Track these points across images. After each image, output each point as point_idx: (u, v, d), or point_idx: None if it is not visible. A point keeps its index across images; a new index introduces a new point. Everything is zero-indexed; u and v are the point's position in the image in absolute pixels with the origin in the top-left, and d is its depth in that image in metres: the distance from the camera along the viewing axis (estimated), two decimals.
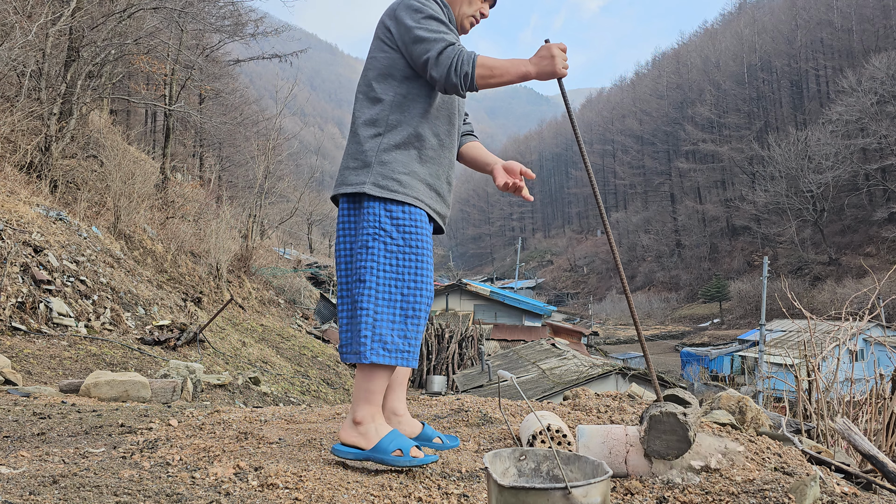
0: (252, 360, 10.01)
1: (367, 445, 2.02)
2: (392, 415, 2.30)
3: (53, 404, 3.45)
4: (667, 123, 79.04)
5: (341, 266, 2.14)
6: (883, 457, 2.33)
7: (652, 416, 1.98)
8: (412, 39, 2.02)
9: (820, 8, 63.85)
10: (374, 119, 2.09)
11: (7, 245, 7.01)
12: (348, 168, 2.11)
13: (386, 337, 2.00)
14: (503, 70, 2.01)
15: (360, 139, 2.10)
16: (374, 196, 2.04)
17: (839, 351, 3.53)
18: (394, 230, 2.03)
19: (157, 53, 17.53)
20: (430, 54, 1.99)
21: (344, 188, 2.10)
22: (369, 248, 2.02)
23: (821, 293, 39.81)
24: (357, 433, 2.04)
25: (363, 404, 2.05)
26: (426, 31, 2.01)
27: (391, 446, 2.00)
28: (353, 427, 2.05)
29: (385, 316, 2.01)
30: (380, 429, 2.05)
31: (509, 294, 34.06)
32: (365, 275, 2.01)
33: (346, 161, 2.14)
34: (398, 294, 2.02)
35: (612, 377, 14.48)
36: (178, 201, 18.01)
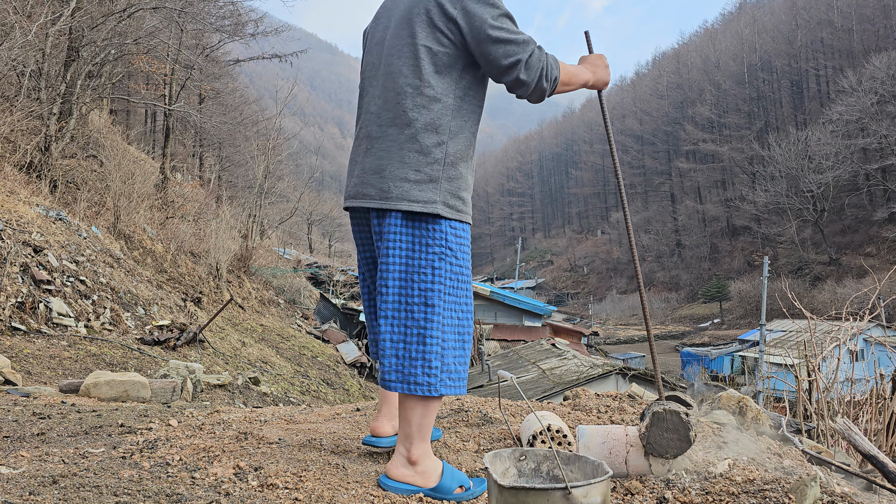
0: (252, 360, 10.00)
1: (427, 485, 1.87)
2: (395, 408, 2.20)
3: (53, 404, 3.44)
4: (667, 123, 79.04)
5: (391, 283, 1.87)
6: (883, 457, 2.33)
7: (655, 413, 1.98)
8: (491, 39, 1.82)
9: (820, 8, 63.83)
10: (436, 124, 1.88)
11: (7, 245, 7.01)
12: (407, 180, 1.86)
13: (451, 366, 1.87)
14: (575, 77, 1.99)
15: (421, 147, 1.86)
16: (444, 217, 1.88)
17: (839, 351, 3.52)
18: (458, 250, 1.91)
19: (156, 53, 17.52)
20: (520, 56, 1.82)
21: (407, 204, 1.85)
22: (436, 270, 1.86)
23: (821, 293, 39.80)
24: (414, 472, 1.87)
25: (419, 442, 1.87)
26: (508, 31, 1.84)
27: (453, 484, 1.89)
28: (408, 466, 1.87)
29: (450, 343, 1.88)
30: (435, 465, 1.91)
31: (509, 294, 34.04)
32: (433, 298, 1.85)
33: (402, 170, 1.87)
34: (457, 318, 1.91)
35: (612, 377, 14.47)
36: (177, 201, 18.01)
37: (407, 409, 1.87)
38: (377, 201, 1.89)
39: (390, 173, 1.87)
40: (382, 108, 1.92)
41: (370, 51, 2.04)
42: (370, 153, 1.93)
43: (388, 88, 1.91)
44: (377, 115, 1.93)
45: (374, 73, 1.99)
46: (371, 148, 1.93)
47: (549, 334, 27.39)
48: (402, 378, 1.84)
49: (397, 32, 1.92)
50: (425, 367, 1.83)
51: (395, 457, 1.89)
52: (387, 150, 1.89)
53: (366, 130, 1.97)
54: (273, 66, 27.27)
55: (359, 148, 2.00)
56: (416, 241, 1.87)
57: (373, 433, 2.20)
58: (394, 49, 1.92)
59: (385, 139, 1.90)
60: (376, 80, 1.96)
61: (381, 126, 1.91)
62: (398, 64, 1.89)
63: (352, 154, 2.06)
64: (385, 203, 1.87)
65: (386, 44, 1.95)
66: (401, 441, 1.89)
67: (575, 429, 2.43)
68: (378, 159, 1.90)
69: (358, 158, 1.99)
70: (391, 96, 1.90)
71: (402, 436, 1.88)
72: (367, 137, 1.96)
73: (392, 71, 1.90)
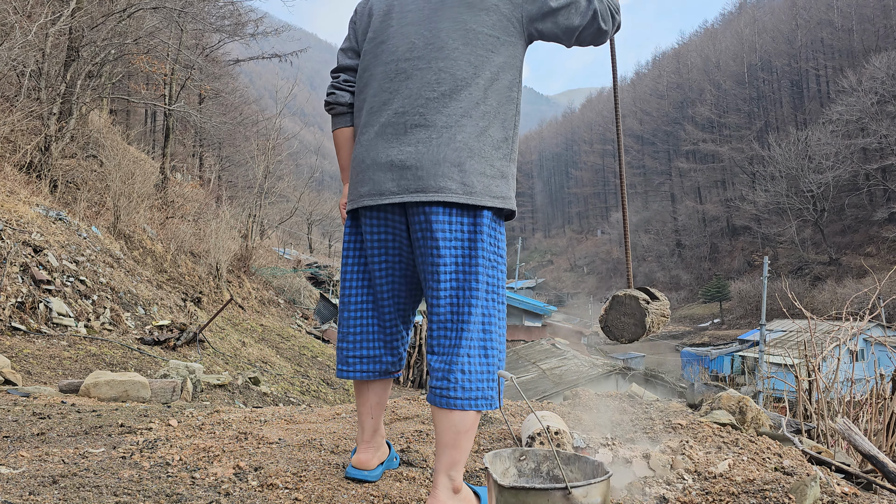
0: (252, 360, 10.00)
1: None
2: (379, 435, 2.01)
3: (53, 404, 3.44)
4: (667, 123, 79.04)
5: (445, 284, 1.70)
6: (883, 457, 2.33)
7: (615, 296, 2.02)
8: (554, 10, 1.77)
9: (820, 8, 63.83)
10: (504, 117, 1.77)
11: (7, 245, 7.01)
12: (485, 175, 1.71)
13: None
14: None
15: (493, 140, 1.74)
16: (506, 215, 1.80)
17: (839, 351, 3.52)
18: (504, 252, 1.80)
19: (156, 53, 17.53)
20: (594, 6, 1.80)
21: (490, 200, 1.71)
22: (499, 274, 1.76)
23: (821, 293, 39.78)
24: (458, 501, 1.70)
25: (462, 466, 1.70)
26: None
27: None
28: (452, 497, 1.68)
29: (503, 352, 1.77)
30: (467, 489, 1.78)
31: (509, 294, 34.06)
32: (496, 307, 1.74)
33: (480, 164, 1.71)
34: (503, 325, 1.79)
35: (612, 377, 14.48)
36: (177, 201, 18.01)
37: (461, 433, 1.67)
38: (457, 195, 1.67)
39: (470, 167, 1.69)
40: (445, 95, 1.72)
41: (401, 30, 1.81)
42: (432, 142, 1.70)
43: (455, 74, 1.73)
44: (436, 101, 1.72)
45: (415, 54, 1.77)
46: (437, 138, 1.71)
47: (549, 334, 27.39)
48: (467, 395, 1.67)
49: (454, 16, 1.76)
50: (492, 380, 1.70)
51: (439, 489, 1.68)
52: (464, 141, 1.70)
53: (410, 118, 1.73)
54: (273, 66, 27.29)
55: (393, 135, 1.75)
56: (491, 244, 1.74)
57: (360, 466, 1.95)
58: (452, 34, 1.75)
59: (461, 128, 1.71)
60: (424, 62, 1.75)
61: (460, 116, 1.71)
62: (463, 49, 1.73)
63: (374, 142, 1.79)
64: (469, 199, 1.68)
65: (435, 26, 1.77)
66: (445, 469, 1.67)
67: (574, 429, 2.43)
68: (453, 150, 1.69)
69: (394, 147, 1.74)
70: (457, 82, 1.72)
71: (449, 463, 1.67)
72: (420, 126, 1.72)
73: (452, 55, 1.73)
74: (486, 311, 1.71)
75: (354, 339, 1.91)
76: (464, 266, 1.70)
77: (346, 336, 1.92)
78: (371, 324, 1.91)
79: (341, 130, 1.99)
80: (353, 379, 1.92)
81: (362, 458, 1.94)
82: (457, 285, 1.70)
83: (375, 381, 1.94)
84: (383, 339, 1.92)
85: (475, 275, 1.70)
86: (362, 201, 1.78)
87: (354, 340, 1.91)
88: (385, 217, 1.79)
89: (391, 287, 1.88)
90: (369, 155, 1.78)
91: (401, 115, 1.74)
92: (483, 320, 1.70)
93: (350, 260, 1.92)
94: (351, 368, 1.91)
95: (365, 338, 1.91)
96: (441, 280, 1.70)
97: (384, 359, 1.92)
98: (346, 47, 1.99)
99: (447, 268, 1.70)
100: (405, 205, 1.74)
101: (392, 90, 1.78)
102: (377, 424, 1.97)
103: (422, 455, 2.23)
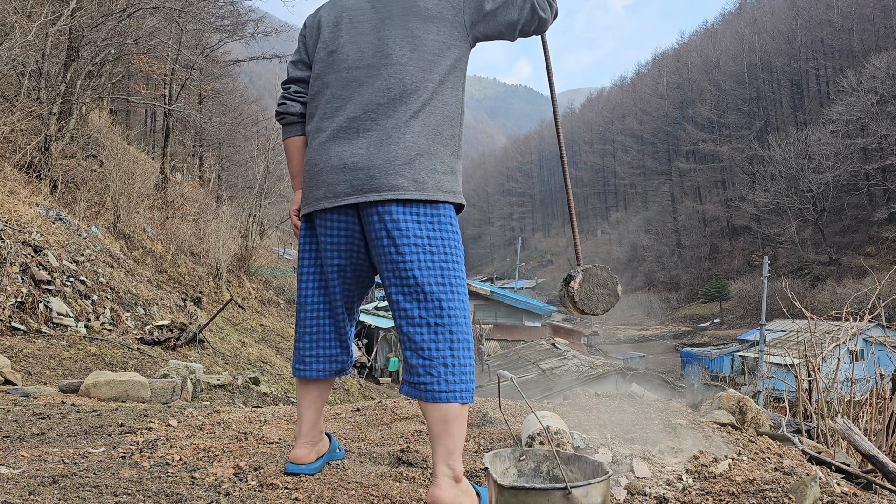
0: (252, 360, 10.00)
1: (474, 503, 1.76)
2: (316, 429, 2.02)
3: (53, 404, 3.44)
4: (667, 123, 79.02)
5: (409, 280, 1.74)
6: (883, 457, 2.33)
7: (586, 269, 2.06)
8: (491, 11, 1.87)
9: (820, 8, 63.82)
10: (452, 115, 1.85)
11: (7, 245, 7.01)
12: (436, 171, 1.78)
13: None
14: None
15: (442, 138, 1.81)
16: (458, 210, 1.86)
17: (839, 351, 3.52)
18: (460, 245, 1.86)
19: (156, 53, 17.52)
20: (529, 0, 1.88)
21: (442, 195, 1.77)
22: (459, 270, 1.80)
23: (821, 293, 39.77)
24: (461, 491, 1.71)
25: (458, 455, 1.73)
26: None
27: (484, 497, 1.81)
28: (454, 486, 1.70)
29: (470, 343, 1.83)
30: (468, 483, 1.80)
31: (509, 294, 34.03)
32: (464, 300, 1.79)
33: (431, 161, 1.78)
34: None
35: (612, 377, 14.49)
36: (177, 201, 18.01)
37: (450, 422, 1.71)
38: (409, 192, 1.73)
39: (420, 164, 1.75)
40: (394, 99, 1.78)
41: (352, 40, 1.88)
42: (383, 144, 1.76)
43: (404, 80, 1.79)
44: (386, 106, 1.79)
45: (365, 62, 1.84)
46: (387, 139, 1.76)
47: (549, 334, 27.39)
48: (451, 388, 1.71)
49: (402, 23, 1.84)
50: (470, 372, 1.76)
51: (439, 479, 1.70)
52: (413, 141, 1.76)
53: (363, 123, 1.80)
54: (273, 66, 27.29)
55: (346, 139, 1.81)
56: (449, 238, 1.78)
57: (297, 461, 1.98)
58: (400, 41, 1.82)
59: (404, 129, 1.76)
60: (374, 69, 1.82)
61: (410, 117, 1.78)
62: (410, 55, 1.81)
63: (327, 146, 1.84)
64: (423, 194, 1.73)
65: (384, 34, 1.84)
66: (443, 459, 1.70)
67: (574, 429, 2.43)
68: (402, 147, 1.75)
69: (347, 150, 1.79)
70: (406, 86, 1.79)
71: (445, 453, 1.70)
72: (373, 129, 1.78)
73: (400, 61, 1.81)
74: (451, 304, 1.75)
75: (311, 338, 1.96)
76: (425, 262, 1.74)
77: (304, 336, 1.97)
78: (327, 324, 1.96)
79: (292, 139, 2.04)
80: (310, 378, 1.98)
81: (299, 454, 1.98)
82: (421, 281, 1.74)
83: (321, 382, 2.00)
84: (338, 338, 1.98)
85: (437, 269, 1.75)
86: (318, 204, 1.83)
87: (311, 340, 1.96)
88: (339, 219, 1.84)
89: (344, 287, 1.94)
90: (322, 159, 1.84)
91: (353, 121, 1.81)
92: (450, 312, 1.74)
93: (306, 262, 1.97)
94: (308, 367, 1.96)
95: (321, 337, 1.96)
96: (405, 277, 1.74)
97: (339, 357, 1.98)
98: (296, 59, 2.05)
99: (409, 264, 1.74)
100: (359, 206, 1.79)
101: (345, 97, 1.84)
102: (315, 418, 2.00)
103: (422, 455, 2.23)
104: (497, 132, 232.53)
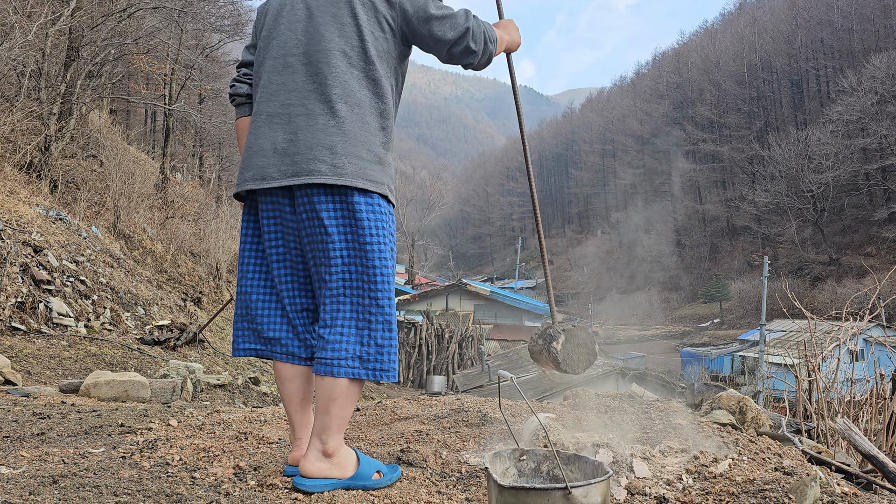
0: (252, 360, 10.00)
1: (345, 475, 1.85)
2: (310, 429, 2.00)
3: (53, 404, 3.44)
4: (667, 123, 79.01)
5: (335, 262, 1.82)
6: (883, 457, 2.33)
7: (567, 330, 2.07)
8: (436, 17, 1.88)
9: (820, 8, 63.80)
10: (381, 108, 1.89)
11: (7, 245, 7.01)
12: (361, 158, 1.82)
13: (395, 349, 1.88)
14: (502, 39, 2.06)
15: (370, 128, 1.86)
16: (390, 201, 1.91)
17: (839, 351, 3.52)
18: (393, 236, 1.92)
19: (156, 53, 17.53)
20: (468, 26, 1.90)
21: (362, 182, 1.80)
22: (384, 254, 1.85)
23: (821, 293, 39.78)
24: (331, 465, 1.83)
25: (337, 433, 1.83)
26: (447, 8, 1.91)
27: (370, 471, 1.89)
28: (323, 459, 1.82)
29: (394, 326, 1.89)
30: (349, 454, 1.89)
31: (509, 294, 34.05)
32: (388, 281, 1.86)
33: (356, 148, 1.82)
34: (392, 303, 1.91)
35: (612, 377, 14.48)
36: (177, 201, 18.01)
37: (330, 399, 1.79)
38: (327, 177, 1.78)
39: (343, 150, 1.80)
40: (324, 86, 1.83)
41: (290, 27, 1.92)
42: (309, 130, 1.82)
43: (333, 64, 1.84)
44: (315, 93, 1.84)
45: (300, 50, 1.88)
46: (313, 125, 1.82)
47: None
48: (363, 364, 1.80)
49: (334, 13, 1.87)
50: (391, 353, 1.83)
51: (309, 451, 1.82)
52: (338, 126, 1.81)
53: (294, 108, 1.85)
54: None
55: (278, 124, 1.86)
56: (371, 222, 1.82)
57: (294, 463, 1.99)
58: (331, 29, 1.86)
59: (333, 115, 1.82)
60: (306, 57, 1.87)
61: (334, 102, 1.82)
62: (340, 43, 1.85)
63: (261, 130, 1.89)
64: (339, 179, 1.78)
65: (317, 22, 1.88)
66: (316, 434, 1.82)
67: (574, 429, 2.43)
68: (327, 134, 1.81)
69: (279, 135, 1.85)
70: (337, 73, 1.83)
71: (320, 427, 1.81)
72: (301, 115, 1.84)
73: (332, 48, 1.85)
74: (372, 287, 1.81)
75: (247, 315, 1.98)
76: (350, 245, 1.81)
77: (240, 315, 2.00)
78: (268, 304, 1.97)
79: (241, 120, 2.11)
80: (246, 356, 2.00)
81: (296, 455, 1.98)
82: (347, 262, 1.82)
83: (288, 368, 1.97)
84: (287, 322, 1.96)
85: (361, 252, 1.81)
86: (246, 185, 1.89)
87: (246, 317, 1.98)
88: (276, 202, 1.90)
89: (288, 272, 1.95)
90: (256, 142, 1.90)
91: (286, 106, 1.87)
92: (370, 295, 1.81)
93: (247, 243, 2.01)
94: (242, 346, 1.99)
95: (259, 314, 1.97)
96: (331, 258, 1.82)
97: (289, 343, 1.96)
98: (248, 44, 2.13)
99: (334, 244, 1.81)
100: (292, 190, 1.85)
101: (279, 83, 1.90)
102: (303, 420, 1.99)
103: (422, 455, 2.23)
104: (497, 132, 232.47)
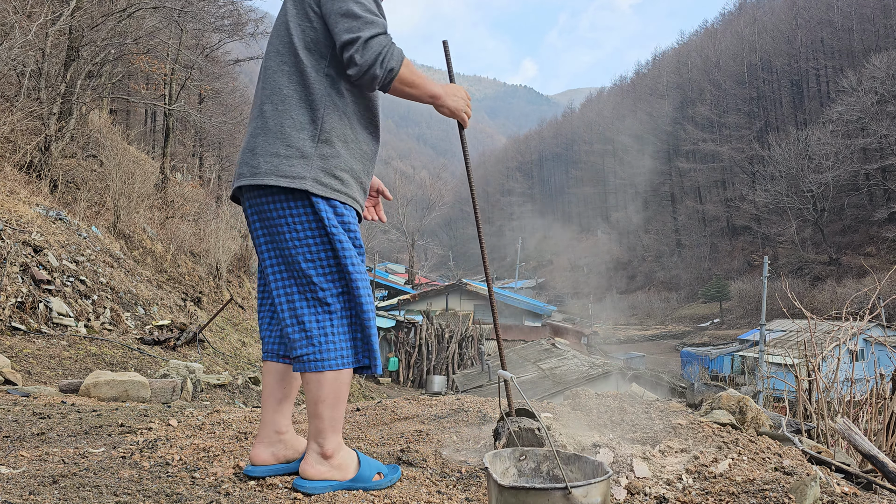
0: (252, 360, 10.00)
1: (346, 477, 1.85)
2: (274, 433, 1.95)
3: (53, 404, 3.44)
4: (667, 123, 79.02)
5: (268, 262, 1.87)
6: (883, 457, 2.33)
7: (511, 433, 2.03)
8: (341, 12, 1.77)
9: (820, 7, 63.82)
10: (310, 99, 1.82)
11: (7, 245, 7.01)
12: (278, 155, 1.79)
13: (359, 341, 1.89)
14: (422, 83, 1.88)
15: (295, 122, 1.81)
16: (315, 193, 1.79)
17: (839, 351, 3.52)
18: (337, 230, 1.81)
19: (156, 53, 17.53)
20: (361, 34, 1.74)
21: (274, 179, 1.77)
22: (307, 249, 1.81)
23: (821, 293, 39.78)
24: (331, 467, 1.83)
25: (332, 434, 1.83)
26: (361, 7, 1.77)
27: (371, 472, 1.89)
28: (322, 462, 1.83)
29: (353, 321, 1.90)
30: (350, 456, 1.89)
31: (509, 294, 34.06)
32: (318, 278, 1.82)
33: (273, 145, 1.80)
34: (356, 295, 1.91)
35: (612, 377, 14.48)
36: (177, 201, 18.02)
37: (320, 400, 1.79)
38: (247, 178, 1.80)
39: (262, 149, 1.81)
40: (264, 86, 1.88)
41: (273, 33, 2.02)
42: (249, 133, 1.89)
43: (268, 66, 1.89)
44: (260, 93, 1.89)
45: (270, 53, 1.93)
46: (251, 127, 1.88)
47: (549, 334, 27.39)
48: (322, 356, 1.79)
49: (280, 13, 1.94)
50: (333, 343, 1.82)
51: (307, 455, 1.83)
52: (262, 126, 1.84)
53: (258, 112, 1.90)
54: None
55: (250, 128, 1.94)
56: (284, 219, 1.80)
57: (250, 460, 1.95)
58: (275, 28, 1.93)
59: (262, 117, 1.85)
60: (266, 60, 1.93)
61: (263, 104, 1.86)
62: (276, 42, 1.89)
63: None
64: (253, 179, 1.78)
65: (274, 24, 1.98)
66: (312, 437, 1.83)
67: (574, 429, 2.43)
68: (253, 136, 1.85)
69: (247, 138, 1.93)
70: (269, 73, 1.87)
71: (314, 431, 1.82)
72: (251, 118, 1.92)
73: (271, 49, 1.90)
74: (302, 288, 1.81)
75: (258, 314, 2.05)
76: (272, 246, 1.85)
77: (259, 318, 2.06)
78: (263, 304, 2.02)
79: None
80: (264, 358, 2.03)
81: (251, 452, 1.96)
82: (273, 262, 1.85)
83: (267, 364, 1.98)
84: (271, 322, 2.00)
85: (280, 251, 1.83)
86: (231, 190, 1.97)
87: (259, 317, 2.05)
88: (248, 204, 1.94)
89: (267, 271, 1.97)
90: None
91: (256, 109, 1.92)
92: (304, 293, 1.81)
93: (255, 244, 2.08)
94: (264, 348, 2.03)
95: (262, 316, 2.02)
96: (264, 259, 1.87)
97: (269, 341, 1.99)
98: None
99: (261, 246, 1.88)
100: None
101: (258, 91, 1.95)
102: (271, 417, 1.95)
103: (422, 455, 2.23)
104: (497, 132, 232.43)
